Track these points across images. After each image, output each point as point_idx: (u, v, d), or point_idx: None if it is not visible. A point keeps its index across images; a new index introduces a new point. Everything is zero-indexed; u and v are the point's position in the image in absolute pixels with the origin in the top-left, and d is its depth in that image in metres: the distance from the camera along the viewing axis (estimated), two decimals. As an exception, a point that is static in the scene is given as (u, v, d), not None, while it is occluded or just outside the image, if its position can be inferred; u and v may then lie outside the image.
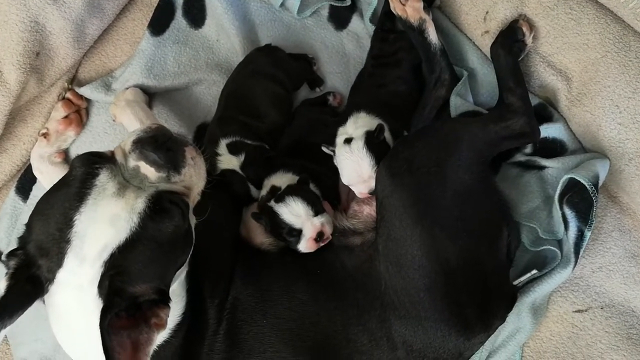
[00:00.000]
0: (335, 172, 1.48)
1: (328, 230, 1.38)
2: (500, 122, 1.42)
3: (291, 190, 1.39)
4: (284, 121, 1.65)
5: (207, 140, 1.60)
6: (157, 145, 1.07)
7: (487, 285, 1.32)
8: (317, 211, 1.37)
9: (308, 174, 1.46)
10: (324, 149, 1.49)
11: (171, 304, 1.05)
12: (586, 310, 1.50)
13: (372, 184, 1.38)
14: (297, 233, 1.34)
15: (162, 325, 1.00)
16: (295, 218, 1.35)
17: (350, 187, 1.46)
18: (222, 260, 1.33)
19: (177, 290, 1.17)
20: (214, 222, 1.23)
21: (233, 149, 1.52)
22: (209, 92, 1.77)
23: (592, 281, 1.52)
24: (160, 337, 1.10)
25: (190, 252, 1.14)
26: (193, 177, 1.12)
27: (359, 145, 1.40)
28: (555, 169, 1.55)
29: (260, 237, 1.46)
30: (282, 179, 1.47)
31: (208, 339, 1.25)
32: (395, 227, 1.29)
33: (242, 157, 1.48)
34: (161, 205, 1.02)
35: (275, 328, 1.28)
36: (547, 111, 1.60)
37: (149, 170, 1.06)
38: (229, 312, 1.27)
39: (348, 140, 1.42)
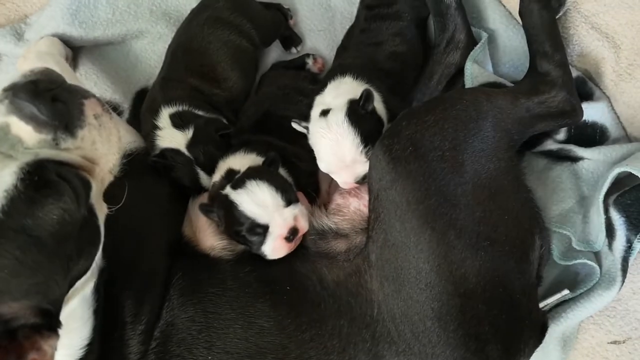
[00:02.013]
0: (313, 154, 1.20)
1: (304, 226, 1.10)
2: (534, 96, 1.18)
3: (253, 173, 1.10)
4: (247, 87, 1.42)
5: (145, 109, 1.32)
6: (37, 93, 0.82)
7: (515, 312, 1.07)
8: (289, 200, 1.09)
9: (278, 155, 1.15)
10: (294, 125, 1.20)
11: (68, 331, 0.86)
12: (624, 342, 1.32)
13: (359, 170, 1.13)
14: (262, 230, 1.07)
15: None
16: (260, 209, 1.06)
17: (331, 174, 1.18)
18: (152, 270, 1.08)
19: (77, 311, 0.94)
20: (143, 216, 1.09)
21: (178, 122, 1.24)
22: (152, 49, 1.53)
23: (632, 305, 1.32)
24: None
25: (97, 255, 0.91)
26: (98, 145, 0.90)
27: (338, 117, 1.11)
28: (593, 162, 1.30)
29: (210, 238, 1.16)
30: (242, 161, 1.18)
31: None
32: (395, 229, 1.04)
33: (189, 133, 1.23)
34: (42, 179, 0.79)
35: None
36: (586, 87, 1.36)
37: (24, 130, 0.82)
38: (158, 343, 1.04)
39: (325, 113, 1.14)
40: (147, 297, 1.04)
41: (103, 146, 0.90)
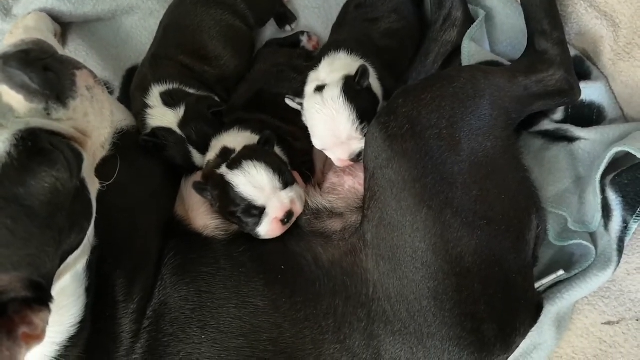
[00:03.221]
0: (308, 132, 1.18)
1: (299, 209, 1.09)
2: (532, 75, 1.16)
3: (250, 153, 1.08)
4: (241, 66, 1.38)
5: (135, 87, 1.30)
6: (29, 62, 0.80)
7: (510, 291, 1.06)
8: (286, 182, 1.08)
9: (273, 134, 1.13)
10: (288, 101, 1.18)
11: (59, 308, 0.85)
12: (618, 322, 1.30)
13: (354, 147, 1.12)
14: (258, 212, 1.06)
15: (36, 337, 0.77)
16: (257, 191, 1.05)
17: (325, 152, 1.16)
18: (145, 249, 1.07)
19: (69, 288, 0.92)
20: (135, 195, 1.08)
21: (169, 100, 1.21)
22: (143, 25, 1.49)
23: (626, 286, 1.30)
24: (40, 356, 0.89)
25: (89, 229, 0.89)
26: (90, 117, 0.88)
27: (333, 93, 1.09)
28: (590, 142, 1.28)
29: (203, 217, 1.14)
30: (236, 139, 1.15)
31: None
32: (390, 208, 1.03)
33: (180, 111, 1.20)
34: (35, 147, 0.77)
35: (217, 346, 1.02)
36: (584, 67, 1.34)
37: (15, 99, 0.80)
38: (151, 322, 1.02)
39: (320, 89, 1.12)
40: (139, 276, 1.03)
41: (95, 119, 0.88)
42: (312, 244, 1.10)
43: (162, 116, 1.19)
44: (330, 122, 1.09)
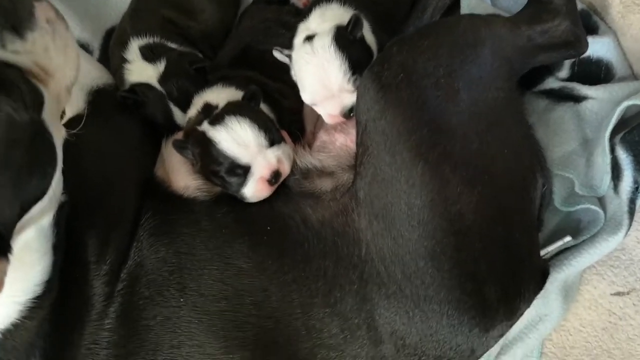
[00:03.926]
0: (297, 90, 1.12)
1: (287, 168, 1.03)
2: (536, 25, 1.09)
3: (234, 109, 1.02)
4: (226, 21, 1.34)
5: (114, 42, 1.25)
6: None
7: (514, 252, 1.00)
8: (272, 140, 1.02)
9: (259, 89, 1.07)
10: (275, 53, 1.11)
11: (22, 264, 0.82)
12: (628, 293, 1.25)
13: (346, 101, 1.06)
14: (242, 171, 1.00)
15: None
16: (241, 149, 0.99)
17: (315, 107, 1.10)
18: (120, 208, 1.01)
19: (33, 243, 0.87)
20: (110, 153, 1.03)
21: (149, 54, 1.16)
22: None
23: (636, 254, 1.25)
24: (2, 317, 0.86)
25: (54, 178, 0.83)
26: (51, 53, 0.82)
27: (324, 41, 1.03)
28: (597, 102, 1.22)
29: (184, 178, 1.08)
30: (219, 95, 1.10)
31: (90, 325, 0.94)
32: (384, 163, 0.97)
33: (161, 66, 1.15)
34: None
35: (197, 310, 0.96)
36: (591, 21, 1.27)
37: None
38: (126, 285, 0.97)
39: (310, 38, 1.06)
40: (112, 236, 0.97)
41: (58, 56, 0.82)
42: (300, 205, 1.04)
43: (141, 71, 1.14)
44: (320, 73, 1.03)
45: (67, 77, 0.85)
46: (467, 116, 0.98)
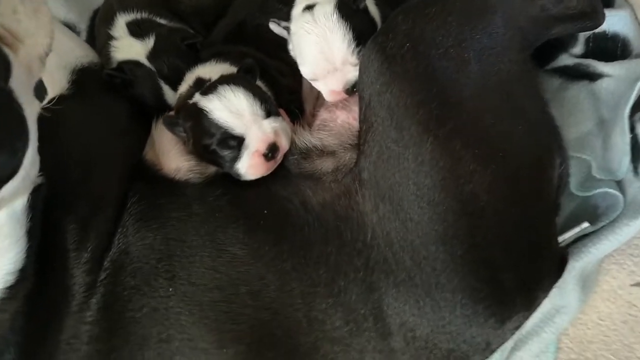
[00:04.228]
0: (296, 68, 1.06)
1: (284, 143, 0.96)
2: None
3: (228, 79, 0.97)
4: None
5: (99, 20, 1.20)
6: None
7: (531, 236, 0.94)
8: (269, 111, 0.96)
9: (255, 63, 1.02)
10: (272, 26, 1.05)
11: None
12: None
13: (350, 75, 1.00)
14: (236, 143, 0.94)
15: None
16: (234, 117, 0.93)
17: (315, 84, 1.04)
18: (103, 192, 0.95)
19: (4, 228, 0.82)
20: (93, 134, 0.98)
21: (137, 30, 1.11)
22: None
23: None
24: None
25: (26, 157, 0.77)
26: (21, 16, 0.76)
27: (326, 9, 0.98)
28: (614, 81, 1.17)
29: (175, 159, 1.02)
30: (212, 70, 1.04)
31: (70, 317, 0.88)
32: (390, 140, 0.91)
33: (150, 42, 1.09)
34: None
35: (188, 300, 0.90)
36: None
37: None
38: (109, 274, 0.91)
39: (310, 7, 1.00)
40: (94, 221, 0.91)
41: (28, 20, 0.76)
42: (300, 187, 0.97)
43: (129, 48, 1.08)
44: (322, 43, 0.97)
45: (39, 44, 0.79)
46: (478, 89, 0.92)
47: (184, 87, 1.02)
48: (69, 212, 0.88)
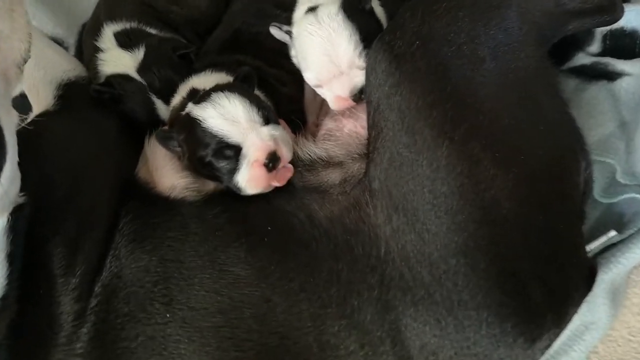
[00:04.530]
0: (297, 76, 1.01)
1: (285, 153, 0.89)
2: None
3: (222, 86, 0.91)
4: (214, 7, 1.20)
5: (86, 32, 1.14)
6: None
7: (558, 245, 0.87)
8: (267, 118, 0.89)
9: (253, 70, 0.96)
10: (273, 30, 1.00)
11: None
12: None
13: (356, 80, 0.94)
14: (233, 153, 0.88)
15: None
16: (230, 124, 0.87)
17: (320, 90, 0.98)
18: (93, 212, 0.89)
19: None
20: (82, 152, 0.92)
21: (125, 41, 1.05)
22: None
23: None
24: None
25: (3, 171, 0.72)
26: None
27: (330, 9, 0.93)
28: (634, 79, 1.11)
29: (170, 177, 0.95)
30: (207, 80, 0.97)
31: (57, 350, 0.81)
32: (402, 145, 0.85)
33: (140, 53, 1.03)
34: None
35: (187, 326, 0.83)
36: None
37: None
38: (100, 301, 0.84)
39: (313, 9, 0.95)
40: (83, 244, 0.85)
41: (2, 22, 0.70)
42: (305, 201, 0.91)
43: (117, 60, 1.02)
44: (327, 46, 0.91)
45: (15, 49, 0.73)
46: (494, 88, 0.86)
47: (177, 99, 0.96)
48: (55, 234, 0.82)
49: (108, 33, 1.05)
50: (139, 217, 0.88)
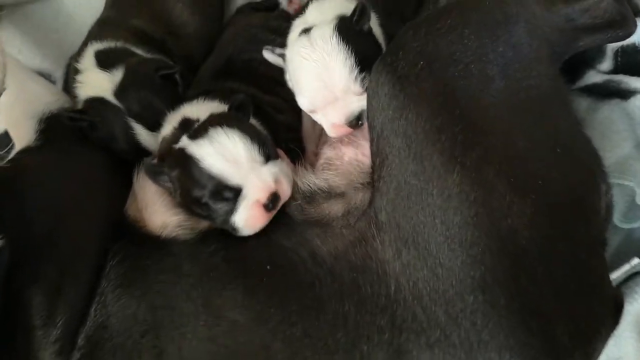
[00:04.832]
0: (294, 103, 0.94)
1: (286, 190, 0.84)
2: (574, 3, 0.93)
3: (219, 120, 0.85)
4: (210, 37, 1.16)
5: (72, 57, 1.09)
6: None
7: (582, 277, 0.80)
8: (267, 155, 0.84)
9: (248, 98, 0.91)
10: (266, 54, 0.95)
11: None
12: None
13: (352, 106, 0.88)
14: (233, 195, 0.82)
15: None
16: (231, 166, 0.81)
17: (315, 116, 0.92)
18: (75, 256, 0.83)
19: None
20: (63, 188, 0.85)
21: (104, 60, 0.97)
22: (88, 3, 1.26)
23: None
24: None
25: None
26: None
27: (324, 31, 0.87)
28: (649, 96, 1.06)
29: (160, 214, 0.89)
30: (200, 109, 0.91)
31: None
32: (409, 173, 0.79)
33: (118, 75, 0.95)
34: None
35: None
36: (632, 1, 1.07)
37: None
38: (84, 354, 0.78)
39: (307, 31, 0.90)
40: (65, 291, 0.79)
41: None
42: (306, 236, 0.85)
43: (94, 82, 0.94)
44: (321, 70, 0.85)
45: None
46: (506, 108, 0.81)
47: (168, 129, 0.89)
48: (34, 281, 0.75)
49: (90, 52, 0.98)
50: (127, 259, 0.82)
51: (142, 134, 0.93)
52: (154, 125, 0.92)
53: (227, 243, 0.85)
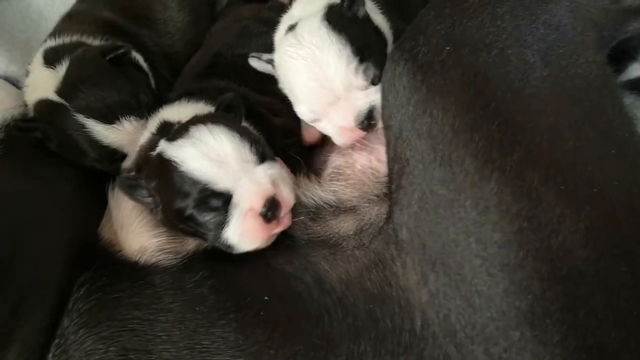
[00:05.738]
0: (291, 104, 0.84)
1: (287, 196, 0.72)
2: None
3: (202, 118, 0.74)
4: (195, 32, 1.06)
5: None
6: None
7: None
8: (262, 155, 0.72)
9: (239, 97, 0.80)
10: (252, 62, 0.84)
11: None
12: None
13: (360, 102, 0.77)
14: (222, 202, 0.70)
15: None
16: (216, 167, 0.70)
17: (319, 126, 0.82)
18: (34, 284, 0.72)
19: None
20: (23, 208, 0.76)
21: (51, 56, 0.87)
22: (60, 1, 1.15)
23: None
24: None
25: None
26: None
27: (311, 24, 0.76)
28: (699, 90, 0.98)
29: (138, 236, 0.77)
30: (182, 112, 0.80)
31: None
32: (435, 181, 0.69)
33: (61, 69, 0.84)
34: None
35: None
36: None
37: None
38: None
39: (293, 27, 0.80)
40: (20, 329, 0.68)
41: None
42: (311, 259, 0.75)
43: (39, 82, 0.85)
44: (313, 67, 0.75)
45: None
46: (551, 100, 0.71)
47: (145, 136, 0.78)
48: None
49: (40, 51, 0.88)
50: (96, 290, 0.71)
51: (97, 130, 0.81)
52: (109, 117, 0.80)
53: (217, 269, 0.74)
